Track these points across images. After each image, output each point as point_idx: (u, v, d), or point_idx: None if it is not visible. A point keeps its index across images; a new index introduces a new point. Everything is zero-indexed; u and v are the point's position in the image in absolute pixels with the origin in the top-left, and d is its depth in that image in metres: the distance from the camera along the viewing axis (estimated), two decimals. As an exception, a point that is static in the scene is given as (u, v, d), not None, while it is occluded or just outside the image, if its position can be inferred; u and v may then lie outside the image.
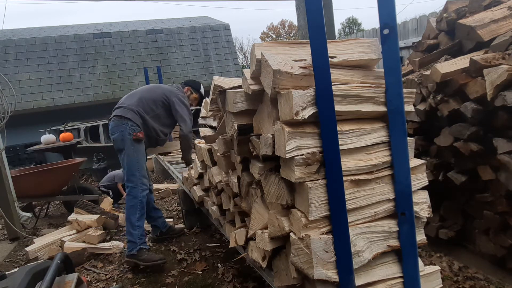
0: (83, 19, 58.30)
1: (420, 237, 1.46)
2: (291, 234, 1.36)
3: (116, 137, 3.13)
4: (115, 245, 3.58)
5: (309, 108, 1.24)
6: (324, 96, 1.22)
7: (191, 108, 3.49)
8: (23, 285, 1.06)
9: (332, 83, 1.23)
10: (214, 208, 2.53)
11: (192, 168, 3.08)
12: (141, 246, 3.05)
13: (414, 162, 1.45)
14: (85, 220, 3.93)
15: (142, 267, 3.05)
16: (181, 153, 3.64)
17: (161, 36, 11.31)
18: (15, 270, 1.35)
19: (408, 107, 1.42)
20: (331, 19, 5.91)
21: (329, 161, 1.24)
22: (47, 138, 6.99)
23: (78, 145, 7.56)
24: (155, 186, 6.05)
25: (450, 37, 2.84)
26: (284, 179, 1.39)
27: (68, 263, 1.35)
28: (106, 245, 3.59)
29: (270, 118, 1.44)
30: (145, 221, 3.29)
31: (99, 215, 4.10)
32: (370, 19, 40.09)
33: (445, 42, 2.88)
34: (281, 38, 33.93)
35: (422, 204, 1.45)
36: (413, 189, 1.36)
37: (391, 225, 1.37)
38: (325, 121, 1.23)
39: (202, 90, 3.69)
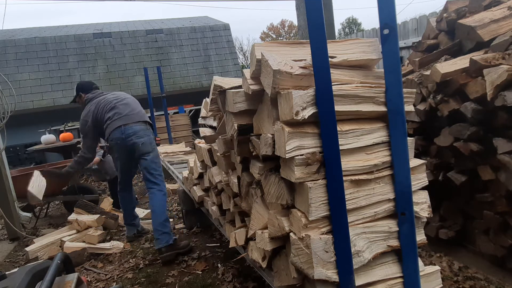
0: (83, 19, 58.35)
1: (420, 237, 1.46)
2: (291, 234, 1.36)
3: (146, 141, 3.32)
4: (115, 245, 3.58)
5: (309, 108, 1.24)
6: (324, 96, 1.22)
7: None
8: (23, 285, 1.06)
9: (332, 83, 1.23)
10: (214, 208, 2.53)
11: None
12: (174, 237, 3.27)
13: (414, 162, 1.45)
14: (85, 220, 3.93)
15: (142, 267, 3.06)
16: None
17: (161, 36, 11.31)
18: (15, 270, 1.35)
19: (408, 107, 1.42)
20: (331, 19, 5.91)
21: (329, 161, 1.24)
22: (47, 138, 7.00)
23: (78, 145, 7.55)
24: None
25: (450, 37, 2.84)
26: (284, 179, 1.39)
27: (68, 263, 1.35)
28: (106, 245, 3.58)
29: (270, 118, 1.44)
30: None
31: (99, 215, 4.10)
32: (370, 19, 40.15)
33: (445, 42, 2.87)
34: (281, 38, 33.93)
35: (422, 204, 1.45)
36: (413, 189, 1.36)
37: (391, 225, 1.37)
38: (325, 121, 1.23)
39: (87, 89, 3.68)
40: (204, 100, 2.55)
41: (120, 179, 3.61)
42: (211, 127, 2.41)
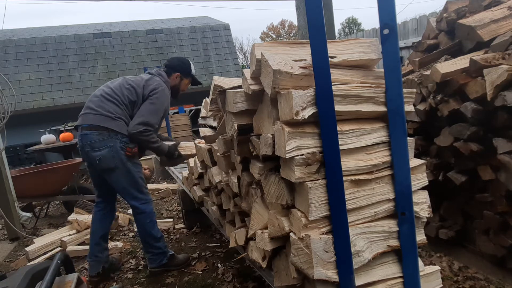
0: (83, 19, 58.37)
1: (420, 237, 1.45)
2: (291, 234, 1.36)
3: (106, 154, 2.62)
4: (115, 245, 3.58)
5: (309, 108, 1.24)
6: (324, 96, 1.22)
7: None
8: (23, 285, 1.06)
9: (332, 83, 1.23)
10: (214, 208, 2.53)
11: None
12: (170, 253, 2.95)
13: (414, 162, 1.45)
14: (85, 220, 3.93)
15: (141, 267, 3.05)
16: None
17: (161, 36, 11.31)
18: (15, 270, 1.35)
19: (408, 107, 1.42)
20: (331, 19, 5.90)
21: (329, 161, 1.24)
22: (47, 138, 7.00)
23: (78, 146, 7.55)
24: (155, 186, 6.05)
25: (450, 37, 2.84)
26: (284, 179, 1.39)
27: (68, 263, 1.35)
28: (106, 245, 3.58)
29: (270, 118, 1.44)
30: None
31: (99, 215, 4.09)
32: (370, 19, 40.25)
33: (445, 42, 2.87)
34: (281, 38, 33.95)
35: (422, 204, 1.45)
36: (413, 189, 1.36)
37: (391, 225, 1.37)
38: (325, 121, 1.23)
39: (192, 68, 3.07)
40: (204, 100, 2.55)
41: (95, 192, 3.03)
42: (211, 127, 2.41)
